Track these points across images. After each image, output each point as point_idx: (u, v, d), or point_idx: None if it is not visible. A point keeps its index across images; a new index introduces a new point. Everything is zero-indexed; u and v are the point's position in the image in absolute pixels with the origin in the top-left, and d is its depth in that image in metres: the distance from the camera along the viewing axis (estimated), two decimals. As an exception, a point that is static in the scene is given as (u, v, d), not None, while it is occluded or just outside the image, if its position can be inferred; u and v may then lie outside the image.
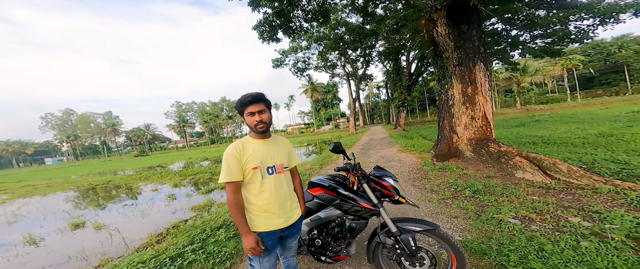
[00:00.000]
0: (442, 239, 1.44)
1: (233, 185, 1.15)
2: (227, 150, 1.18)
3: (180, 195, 7.57)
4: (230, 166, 1.15)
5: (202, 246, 2.63)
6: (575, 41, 7.39)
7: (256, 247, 1.14)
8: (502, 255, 1.58)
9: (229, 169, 1.14)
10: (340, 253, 1.72)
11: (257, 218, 1.21)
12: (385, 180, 1.59)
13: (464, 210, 2.46)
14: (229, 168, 1.14)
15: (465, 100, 5.01)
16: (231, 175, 1.14)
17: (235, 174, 1.14)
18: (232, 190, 1.15)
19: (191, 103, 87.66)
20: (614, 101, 24.68)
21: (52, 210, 7.65)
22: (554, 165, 3.03)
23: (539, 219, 2.05)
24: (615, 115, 12.15)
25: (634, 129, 7.45)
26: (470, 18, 5.05)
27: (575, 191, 2.50)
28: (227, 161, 1.16)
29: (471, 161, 4.41)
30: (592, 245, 1.54)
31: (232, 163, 1.15)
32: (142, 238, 4.08)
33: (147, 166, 20.11)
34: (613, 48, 37.85)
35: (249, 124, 1.22)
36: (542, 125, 11.34)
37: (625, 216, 1.81)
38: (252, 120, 1.20)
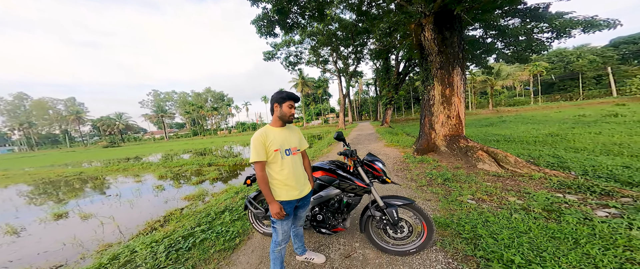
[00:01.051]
0: (417, 212, 1.91)
1: (260, 164, 1.49)
2: (255, 137, 1.51)
3: (168, 186, 7.50)
4: (258, 149, 1.48)
5: (210, 227, 2.90)
6: (535, 52, 8.48)
7: (280, 211, 1.50)
8: (460, 226, 2.12)
9: (257, 151, 1.48)
10: (338, 226, 2.13)
11: (280, 190, 1.57)
12: (376, 164, 2.02)
13: (436, 195, 3.02)
14: (257, 150, 1.48)
15: (444, 101, 5.62)
16: (259, 156, 1.47)
17: (262, 155, 1.48)
18: (260, 168, 1.49)
19: (171, 93, 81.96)
20: (567, 105, 28.09)
21: (20, 203, 7.16)
22: (505, 158, 3.73)
23: (489, 199, 2.65)
24: (564, 118, 14.06)
25: (575, 130, 8.85)
26: (454, 25, 5.55)
27: (517, 178, 3.19)
28: (255, 146, 1.49)
29: (445, 155, 5.08)
30: (519, 216, 2.13)
31: (259, 146, 1.48)
32: (139, 225, 4.16)
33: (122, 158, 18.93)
34: (572, 57, 42.37)
35: (285, 113, 1.56)
36: (507, 125, 12.78)
37: (545, 195, 2.47)
38: (290, 111, 1.56)
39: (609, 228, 1.78)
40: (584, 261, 1.45)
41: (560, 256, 1.51)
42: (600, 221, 1.87)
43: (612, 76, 36.58)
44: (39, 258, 3.22)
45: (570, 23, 6.61)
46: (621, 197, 2.30)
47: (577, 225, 1.87)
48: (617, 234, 1.68)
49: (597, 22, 6.04)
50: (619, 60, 39.05)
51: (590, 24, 6.17)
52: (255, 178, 1.91)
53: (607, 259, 1.42)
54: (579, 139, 7.18)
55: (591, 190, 2.51)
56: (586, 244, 1.61)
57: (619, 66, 38.03)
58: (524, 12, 7.51)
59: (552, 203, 2.31)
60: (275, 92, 1.61)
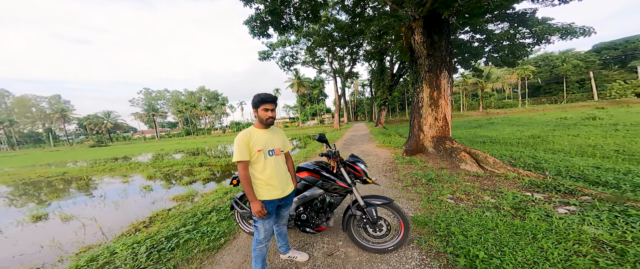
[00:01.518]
0: (395, 210, 2.00)
1: (243, 163, 1.55)
2: (239, 137, 1.56)
3: (156, 187, 7.38)
4: (241, 148, 1.54)
5: (196, 228, 2.91)
6: (517, 57, 8.86)
7: (261, 210, 1.56)
8: (436, 225, 2.23)
9: (240, 151, 1.54)
10: (321, 225, 2.20)
11: (262, 190, 1.62)
12: (358, 165, 2.10)
13: (419, 194, 3.14)
14: (240, 150, 1.54)
15: (431, 103, 5.78)
16: (242, 155, 1.53)
17: (245, 155, 1.54)
18: (243, 167, 1.55)
19: (163, 91, 79.98)
20: (551, 108, 29.30)
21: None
22: (485, 159, 3.91)
23: (466, 198, 2.78)
24: (547, 121, 14.69)
25: (556, 132, 9.28)
26: (442, 29, 5.72)
27: (494, 178, 3.36)
28: (239, 145, 1.54)
29: (432, 156, 5.25)
30: (490, 214, 2.27)
31: (242, 146, 1.54)
32: (123, 226, 4.09)
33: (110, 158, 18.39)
34: (558, 61, 44.22)
35: (261, 117, 1.58)
36: (494, 127, 13.23)
37: (514, 193, 2.63)
38: (265, 114, 1.57)
39: (564, 223, 1.93)
40: (537, 254, 1.58)
41: (518, 250, 1.64)
42: (558, 218, 2.02)
43: (594, 80, 38.35)
44: (14, 261, 3.13)
45: (549, 29, 6.96)
46: (582, 196, 2.48)
47: (537, 222, 2.02)
48: (570, 230, 1.82)
49: (573, 29, 6.39)
50: (600, 65, 41.07)
51: (567, 30, 6.52)
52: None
53: (557, 252, 1.56)
54: (558, 141, 7.55)
55: (557, 189, 2.68)
56: (542, 239, 1.75)
57: (600, 71, 39.98)
58: (512, 17, 7.83)
59: (521, 201, 2.46)
60: (253, 96, 1.65)
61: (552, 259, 1.50)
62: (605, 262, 1.47)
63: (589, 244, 1.67)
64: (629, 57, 39.76)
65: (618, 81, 35.04)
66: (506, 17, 7.81)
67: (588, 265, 1.44)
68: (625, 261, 1.46)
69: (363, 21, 9.95)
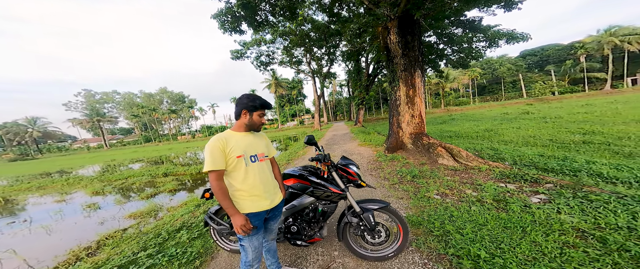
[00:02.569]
0: (392, 214, 1.91)
1: (217, 173, 1.27)
2: (211, 143, 1.28)
3: (106, 204, 6.19)
4: (214, 156, 1.26)
5: (161, 250, 2.41)
6: (474, 58, 9.99)
7: (246, 224, 1.29)
8: (430, 223, 2.23)
9: (213, 158, 1.25)
10: (315, 236, 1.99)
11: (245, 201, 1.36)
12: (350, 168, 1.94)
13: (407, 192, 3.17)
14: (213, 157, 1.25)
15: (408, 101, 6.03)
16: (215, 164, 1.25)
17: (219, 163, 1.26)
18: (216, 178, 1.27)
19: (111, 93, 68.29)
20: (495, 105, 34.22)
21: None
22: (459, 153, 4.22)
23: (451, 193, 2.90)
24: (494, 116, 17.02)
25: (503, 126, 10.73)
26: (414, 30, 6.00)
27: (469, 171, 3.62)
28: (212, 152, 1.26)
29: (412, 152, 5.47)
30: (477, 209, 2.37)
31: (216, 153, 1.27)
32: (58, 255, 3.27)
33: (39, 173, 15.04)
34: (496, 64, 52.12)
35: (255, 122, 1.41)
36: (456, 123, 14.71)
37: (493, 186, 2.84)
38: (259, 120, 1.42)
39: (544, 213, 2.11)
40: (533, 249, 1.65)
41: (515, 246, 1.70)
42: (536, 208, 2.21)
43: (523, 81, 46.18)
44: None
45: (498, 34, 8.03)
46: (545, 183, 2.79)
47: (521, 214, 2.17)
48: (551, 220, 1.99)
49: (515, 34, 7.48)
50: (526, 69, 49.83)
51: (511, 35, 7.61)
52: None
53: (550, 246, 1.66)
54: (507, 133, 8.71)
55: (524, 179, 2.99)
56: (531, 232, 1.86)
57: (526, 73, 48.42)
58: (464, 23, 8.79)
59: (499, 193, 2.65)
60: (245, 96, 1.40)
61: (549, 254, 1.58)
62: (594, 252, 1.54)
63: (572, 234, 1.76)
64: (544, 62, 49.10)
65: (539, 82, 42.91)
66: (460, 23, 8.76)
67: (581, 257, 1.50)
68: (609, 250, 1.56)
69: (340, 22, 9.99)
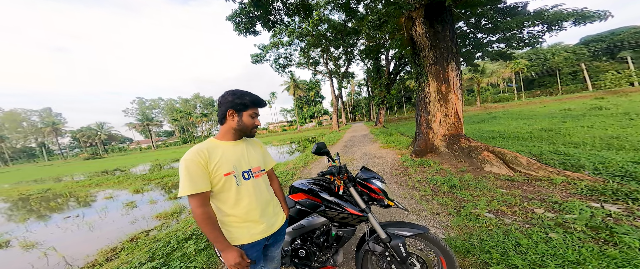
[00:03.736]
0: (432, 243, 1.39)
1: (200, 197, 0.93)
2: (187, 157, 0.95)
3: (142, 202, 6.69)
4: (193, 175, 0.92)
5: (165, 263, 2.27)
6: (528, 45, 8.40)
7: (242, 261, 0.96)
8: (485, 252, 1.62)
9: (191, 179, 0.92)
10: (327, 263, 1.58)
11: (238, 230, 1.03)
12: (373, 183, 1.48)
13: (444, 206, 2.54)
14: (191, 178, 0.92)
15: (440, 98, 5.26)
16: (196, 186, 0.92)
17: (201, 184, 0.93)
18: (199, 203, 0.93)
19: (157, 100, 78.73)
20: (549, 100, 29.11)
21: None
22: (516, 158, 3.34)
23: (510, 212, 2.19)
24: (551, 112, 14.28)
25: (567, 124, 8.79)
26: (445, 18, 5.27)
27: (535, 183, 2.77)
28: (189, 170, 0.93)
29: (446, 156, 4.67)
30: (559, 237, 1.66)
31: (195, 171, 0.93)
32: (90, 255, 3.46)
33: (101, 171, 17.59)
34: (549, 54, 44.66)
35: (246, 124, 1.08)
36: (498, 121, 12.75)
37: (580, 206, 2.03)
38: (251, 122, 1.09)
39: None
40: None
41: None
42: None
43: (586, 71, 38.56)
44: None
45: (561, 15, 6.50)
46: (671, 204, 1.90)
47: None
48: None
49: (588, 13, 5.92)
50: (590, 57, 41.49)
51: (582, 15, 6.05)
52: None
53: None
54: (574, 133, 7.02)
55: (631, 197, 2.09)
56: None
57: (591, 62, 40.33)
58: (504, 10, 7.46)
59: (594, 216, 1.86)
60: (229, 92, 1.07)
61: None
62: None
63: None
64: (616, 48, 40.27)
65: (611, 71, 35.22)
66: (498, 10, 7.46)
67: None
68: None
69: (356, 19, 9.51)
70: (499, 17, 7.67)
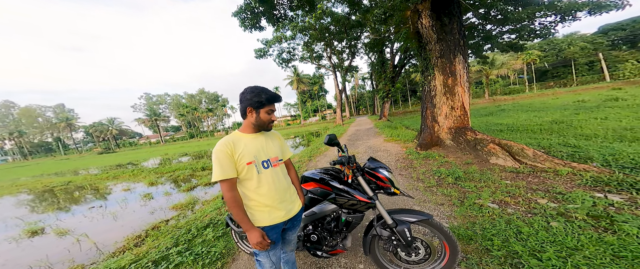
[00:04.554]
0: (436, 229, 1.50)
1: (228, 182, 1.10)
2: (217, 148, 1.11)
3: (157, 194, 7.05)
4: (222, 163, 1.09)
5: (189, 248, 2.48)
6: (540, 36, 8.09)
7: (263, 241, 1.12)
8: (487, 240, 1.72)
9: (221, 167, 1.09)
10: (337, 247, 1.72)
11: (260, 213, 1.18)
12: (380, 172, 1.59)
13: (449, 197, 2.63)
14: (221, 165, 1.09)
15: (446, 91, 5.24)
16: (225, 173, 1.08)
17: (229, 171, 1.09)
18: (228, 188, 1.10)
19: (164, 96, 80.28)
20: (562, 92, 28.01)
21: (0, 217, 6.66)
22: (522, 151, 3.36)
23: (513, 202, 2.26)
24: (564, 104, 13.82)
25: (580, 116, 8.55)
26: (452, 11, 5.17)
27: (540, 174, 2.81)
28: (219, 159, 1.09)
29: (451, 149, 4.70)
30: (560, 225, 1.74)
31: (224, 160, 1.10)
32: (118, 241, 3.77)
33: (115, 165, 18.33)
34: (563, 44, 42.45)
35: (263, 120, 1.20)
36: (507, 114, 12.48)
37: (583, 196, 2.09)
38: (268, 118, 1.21)
39: None
40: None
41: None
42: (668, 231, 1.49)
43: (604, 61, 36.62)
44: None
45: (575, 5, 6.22)
46: (675, 195, 1.93)
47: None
48: None
49: (604, 2, 5.64)
50: (608, 46, 39.21)
51: (598, 5, 5.76)
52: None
53: None
54: (586, 125, 6.86)
55: (636, 188, 2.12)
56: None
57: (609, 52, 38.16)
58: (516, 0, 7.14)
59: (596, 206, 1.92)
60: (248, 90, 1.19)
61: None
62: None
63: None
64: (638, 37, 37.82)
65: (630, 61, 33.33)
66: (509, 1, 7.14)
67: None
68: None
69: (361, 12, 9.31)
70: (511, 7, 7.38)
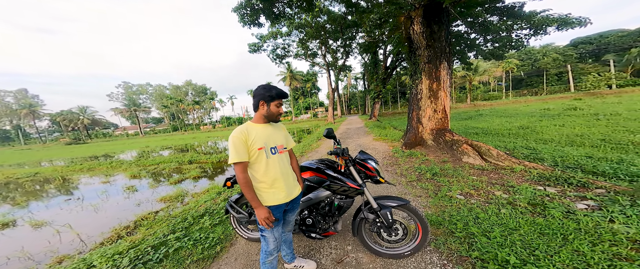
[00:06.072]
0: (412, 212, 1.82)
1: (242, 165, 1.30)
2: (234, 134, 1.31)
3: (142, 187, 6.88)
4: (238, 148, 1.29)
5: (187, 234, 2.62)
6: (514, 47, 8.90)
7: (269, 216, 1.33)
8: (452, 224, 2.09)
9: (237, 151, 1.28)
10: (329, 230, 1.99)
11: (266, 194, 1.39)
12: (369, 163, 1.88)
13: (426, 190, 3.01)
14: (237, 150, 1.28)
15: (431, 95, 5.66)
16: (240, 156, 1.28)
17: (243, 155, 1.29)
18: (241, 170, 1.30)
19: (145, 85, 75.35)
20: (533, 100, 30.63)
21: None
22: (488, 151, 3.86)
23: (476, 194, 2.68)
24: (532, 111, 15.25)
25: (542, 123, 9.58)
26: (441, 19, 5.52)
27: (500, 171, 3.30)
28: (235, 144, 1.29)
29: (432, 149, 5.17)
30: (507, 211, 2.16)
31: (239, 145, 1.29)
32: (104, 232, 3.72)
33: (89, 156, 17.19)
34: (539, 55, 46.11)
35: (273, 112, 1.41)
36: (484, 119, 13.53)
37: (528, 188, 2.55)
38: (277, 110, 1.42)
39: (592, 221, 1.84)
40: (575, 259, 1.45)
41: (552, 254, 1.51)
42: (583, 215, 1.94)
43: (571, 73, 40.37)
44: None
45: (546, 20, 6.96)
46: (595, 188, 2.43)
47: (562, 220, 1.92)
48: (601, 229, 1.73)
49: (570, 19, 6.40)
50: (577, 59, 43.32)
51: (565, 21, 6.53)
52: (236, 180, 1.69)
53: (598, 256, 1.44)
54: (546, 131, 7.76)
55: (568, 182, 2.63)
56: (574, 240, 1.63)
57: (577, 64, 42.14)
58: (502, 10, 7.80)
59: (536, 196, 2.37)
60: (261, 87, 1.40)
61: (595, 266, 1.38)
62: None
63: (627, 245, 1.55)
64: (602, 51, 42.12)
65: (593, 73, 37.05)
66: (496, 10, 7.79)
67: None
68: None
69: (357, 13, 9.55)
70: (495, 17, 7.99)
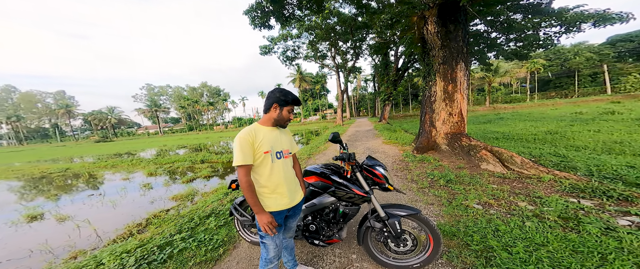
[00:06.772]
0: (423, 223, 1.67)
1: (246, 168, 1.24)
2: (241, 136, 1.26)
3: (157, 184, 7.19)
4: (244, 149, 1.23)
5: (192, 235, 2.64)
6: (542, 46, 8.23)
7: (271, 222, 1.27)
8: (468, 236, 1.89)
9: (243, 153, 1.23)
10: (333, 237, 1.89)
11: (268, 199, 1.33)
12: (377, 169, 1.76)
13: (439, 198, 2.80)
14: (243, 151, 1.23)
15: (446, 97, 5.38)
16: (245, 158, 1.23)
17: (248, 157, 1.24)
18: (245, 173, 1.24)
19: (165, 87, 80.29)
20: (562, 103, 28.28)
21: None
22: (511, 158, 3.54)
23: (496, 204, 2.44)
24: (561, 115, 14.04)
25: (574, 128, 8.75)
26: (458, 18, 5.26)
27: (525, 180, 2.99)
28: (242, 145, 1.24)
29: (446, 154, 4.88)
30: (533, 225, 1.92)
31: (246, 147, 1.24)
32: (118, 229, 3.88)
33: (113, 154, 18.41)
34: (570, 54, 42.40)
35: (284, 117, 1.37)
36: (505, 122, 12.68)
37: (558, 200, 2.27)
38: (288, 116, 1.39)
39: (637, 240, 1.58)
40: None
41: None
42: (627, 232, 1.67)
43: (608, 74, 36.80)
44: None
45: (581, 16, 6.31)
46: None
47: (600, 237, 1.66)
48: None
49: (609, 15, 5.77)
50: (615, 58, 39.26)
51: (603, 17, 5.88)
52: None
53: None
54: (579, 137, 7.05)
55: (607, 195, 2.31)
56: (615, 260, 1.40)
57: (614, 64, 38.27)
58: (526, 8, 7.24)
59: (568, 209, 2.10)
60: (277, 90, 1.36)
61: None
62: None
63: None
64: (645, 49, 37.94)
65: (634, 74, 33.49)
66: (519, 7, 7.23)
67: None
68: None
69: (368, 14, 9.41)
70: (519, 15, 7.44)
